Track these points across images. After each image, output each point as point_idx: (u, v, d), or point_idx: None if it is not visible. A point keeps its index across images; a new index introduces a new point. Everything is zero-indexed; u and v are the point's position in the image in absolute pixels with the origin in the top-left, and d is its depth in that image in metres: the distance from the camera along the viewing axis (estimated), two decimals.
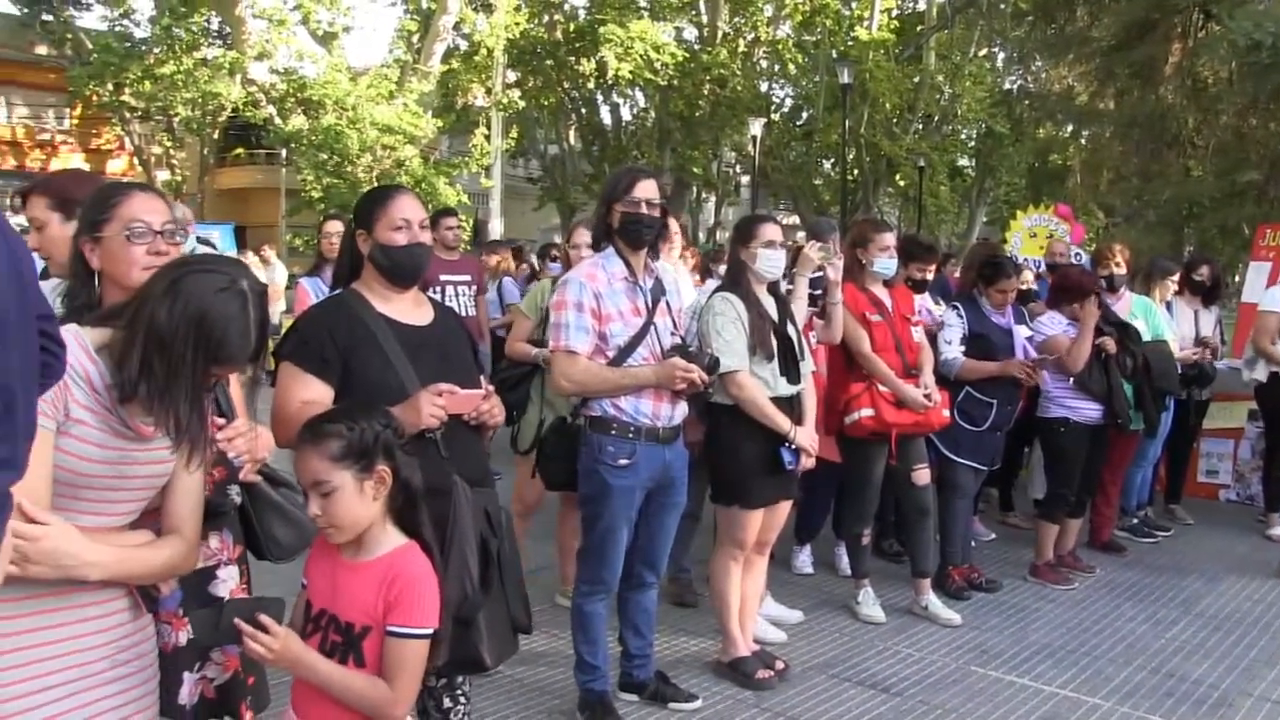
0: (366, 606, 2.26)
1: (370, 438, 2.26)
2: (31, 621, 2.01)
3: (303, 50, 22.23)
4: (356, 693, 2.24)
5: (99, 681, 2.11)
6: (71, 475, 2.01)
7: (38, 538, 1.90)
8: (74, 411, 1.99)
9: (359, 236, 3.09)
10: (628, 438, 3.93)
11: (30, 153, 29.56)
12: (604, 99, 29.11)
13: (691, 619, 5.37)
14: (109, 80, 22.44)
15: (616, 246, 4.01)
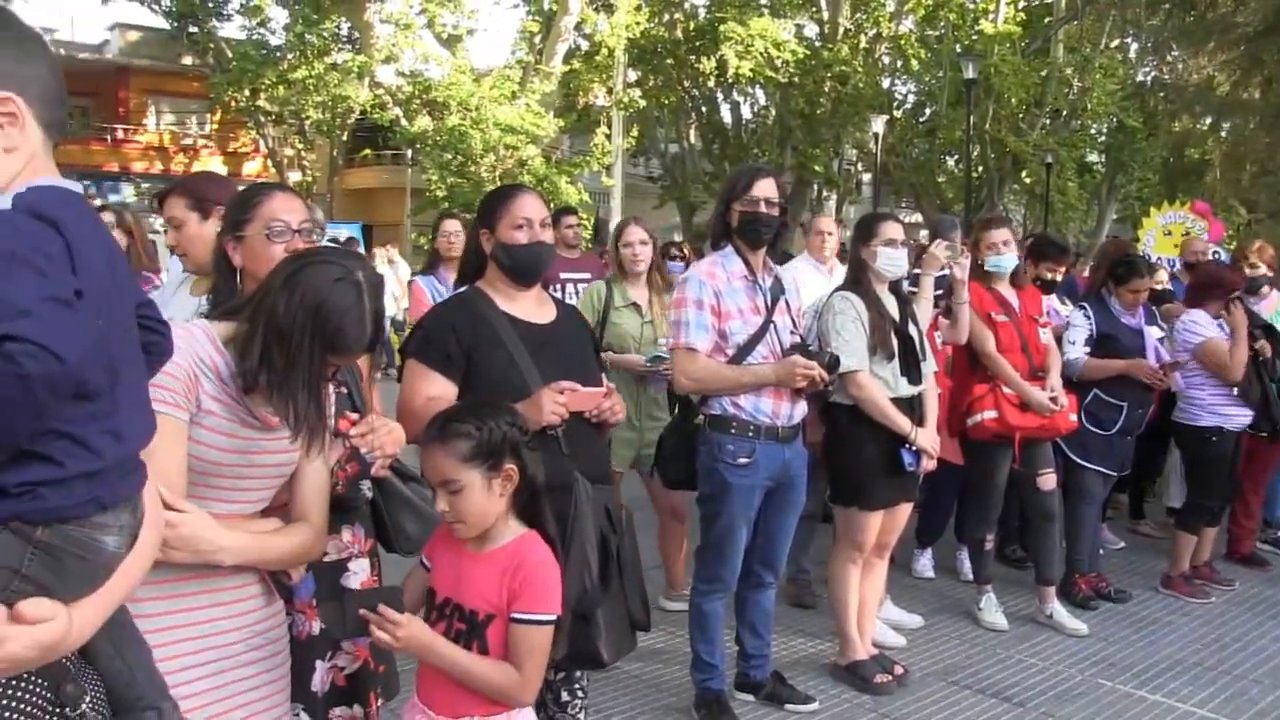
0: (490, 595, 2.30)
1: (498, 437, 2.30)
2: (171, 604, 2.10)
3: (428, 53, 22.73)
4: (484, 677, 2.27)
5: (235, 664, 2.19)
6: (204, 464, 2.09)
7: (176, 524, 1.98)
8: (204, 403, 2.07)
9: (482, 235, 3.14)
10: (747, 436, 3.92)
11: (174, 157, 30.89)
12: (724, 97, 29.01)
13: (809, 620, 5.33)
14: (246, 86, 23.32)
15: (735, 245, 4.00)
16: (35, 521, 1.26)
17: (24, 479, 1.24)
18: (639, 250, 5.30)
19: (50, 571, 1.28)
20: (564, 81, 23.89)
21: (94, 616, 1.37)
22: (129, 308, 1.40)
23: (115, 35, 31.54)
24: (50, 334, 1.18)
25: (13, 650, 1.23)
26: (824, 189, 29.63)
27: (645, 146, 29.67)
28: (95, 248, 1.30)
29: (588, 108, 25.54)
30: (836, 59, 25.60)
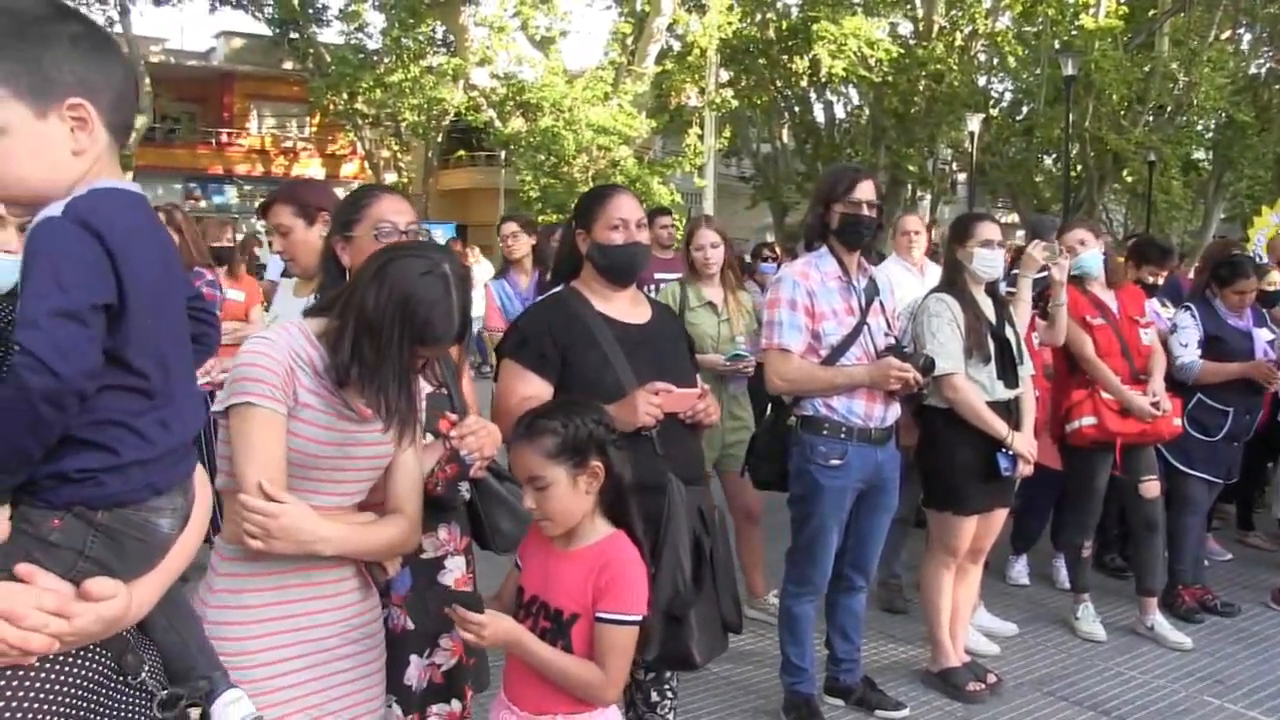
0: (576, 594, 2.32)
1: (584, 434, 2.32)
2: (272, 596, 2.17)
3: (522, 55, 22.98)
4: (568, 674, 2.29)
5: (332, 657, 2.24)
6: (303, 457, 2.14)
7: (277, 515, 2.04)
8: (301, 396, 2.13)
9: (578, 235, 3.17)
10: (839, 438, 3.90)
11: (275, 159, 31.70)
12: (817, 97, 28.77)
13: (901, 625, 5.27)
14: (344, 90, 23.82)
15: (831, 246, 3.98)
16: (96, 506, 1.35)
17: (84, 466, 1.32)
18: (710, 254, 5.28)
19: (111, 552, 1.36)
20: (656, 82, 23.92)
21: (150, 593, 1.47)
22: (180, 303, 1.47)
23: (221, 43, 32.46)
24: (50, 349, 1.25)
25: (80, 625, 1.31)
26: (918, 189, 29.20)
27: (737, 147, 29.58)
28: (146, 252, 1.36)
29: (680, 108, 25.55)
30: (931, 57, 25.20)
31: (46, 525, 1.32)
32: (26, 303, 1.27)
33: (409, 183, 26.99)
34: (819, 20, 23.45)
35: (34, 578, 1.29)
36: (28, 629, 1.25)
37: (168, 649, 1.61)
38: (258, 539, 2.05)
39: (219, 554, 2.22)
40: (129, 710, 1.48)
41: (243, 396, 2.07)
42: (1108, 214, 30.76)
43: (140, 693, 1.51)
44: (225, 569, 2.19)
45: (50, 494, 1.32)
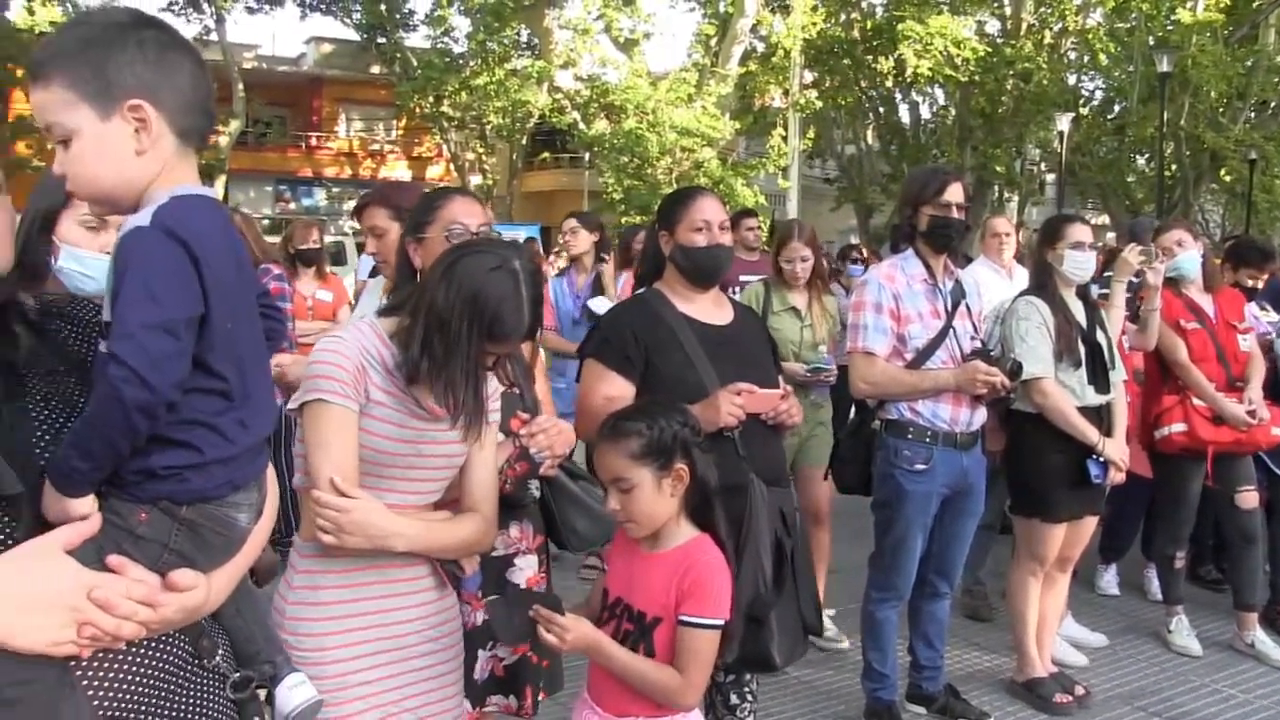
0: (659, 596, 2.32)
1: (669, 437, 2.31)
2: (349, 593, 2.20)
3: (606, 57, 23.07)
4: (646, 678, 2.29)
5: (409, 655, 2.27)
6: (375, 454, 2.18)
7: (348, 509, 2.08)
8: (373, 394, 2.16)
9: (661, 237, 3.18)
10: (924, 442, 3.85)
11: (363, 162, 32.27)
12: (902, 97, 28.45)
13: (986, 633, 5.18)
14: (430, 93, 24.16)
15: (917, 248, 3.93)
16: (181, 501, 1.40)
17: (170, 464, 1.38)
18: (799, 269, 5.19)
19: (193, 545, 1.42)
20: (740, 83, 23.87)
21: (226, 584, 1.52)
22: (253, 304, 1.52)
23: (311, 48, 33.15)
24: (144, 362, 1.30)
25: (165, 614, 1.37)
26: (1005, 190, 28.71)
27: (822, 148, 29.39)
28: (223, 258, 1.41)
29: (764, 109, 25.46)
30: (1019, 56, 24.74)
31: (134, 519, 1.38)
32: (121, 314, 1.32)
33: (493, 185, 27.27)
34: (904, 20, 23.19)
35: (125, 569, 1.34)
36: (120, 617, 1.31)
37: (236, 633, 1.67)
38: (330, 534, 2.09)
39: (298, 551, 2.27)
40: (204, 691, 1.55)
41: (315, 394, 2.11)
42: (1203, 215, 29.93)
43: (214, 675, 1.58)
44: (304, 566, 2.23)
45: (138, 489, 1.38)
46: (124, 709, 1.42)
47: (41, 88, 1.37)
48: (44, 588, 1.27)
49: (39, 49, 1.40)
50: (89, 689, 1.37)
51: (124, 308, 1.32)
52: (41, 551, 1.30)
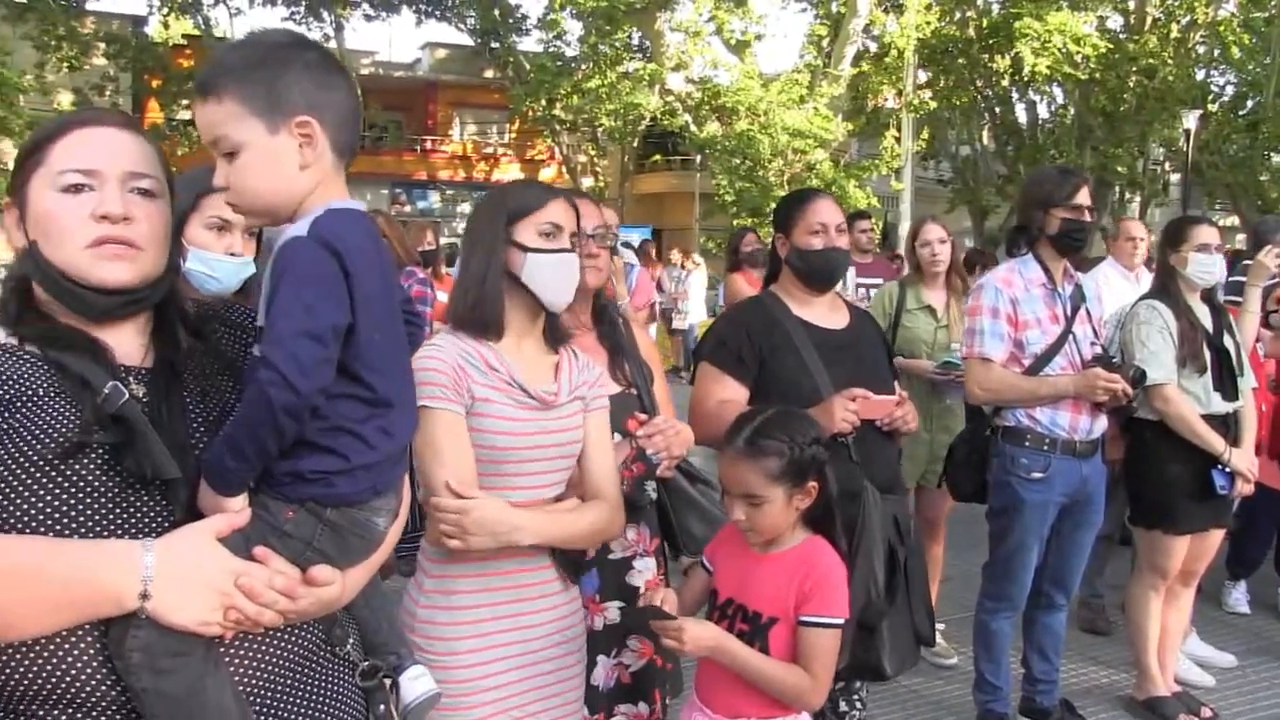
0: (775, 598, 2.31)
1: (807, 457, 2.31)
2: (482, 597, 2.25)
3: (717, 59, 23.03)
4: (775, 679, 2.28)
5: (537, 659, 2.31)
6: (493, 452, 2.22)
7: (469, 510, 2.13)
8: (477, 392, 2.21)
9: (777, 240, 3.18)
10: (1042, 450, 3.77)
11: (476, 165, 32.79)
12: (1019, 96, 27.77)
13: (1103, 647, 5.04)
14: (543, 96, 24.41)
15: (1038, 252, 3.85)
16: (326, 504, 1.47)
17: (318, 468, 1.45)
18: (938, 249, 5.10)
19: (334, 545, 1.49)
20: (853, 84, 23.59)
21: (359, 580, 1.60)
22: (397, 313, 1.57)
23: (426, 54, 33.77)
24: (293, 367, 1.36)
25: (302, 606, 1.45)
26: (1127, 191, 27.84)
27: (936, 149, 28.86)
28: (373, 269, 1.47)
29: (877, 110, 25.11)
30: (1143, 51, 23.93)
31: (282, 516, 1.45)
32: (275, 319, 1.40)
33: (605, 187, 27.43)
34: (1021, 17, 22.60)
35: (269, 560, 1.43)
36: (262, 604, 1.40)
37: (364, 624, 1.73)
38: (454, 538, 2.13)
39: (426, 556, 2.31)
40: (335, 678, 1.62)
41: (419, 400, 2.14)
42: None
43: (344, 663, 1.65)
44: (435, 570, 2.28)
45: (287, 489, 1.46)
46: (261, 689, 1.49)
47: (213, 102, 1.44)
48: (198, 570, 1.37)
49: (209, 66, 1.48)
50: (231, 667, 1.45)
51: (277, 314, 1.40)
52: (197, 537, 1.39)
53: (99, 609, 1.33)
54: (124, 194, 1.49)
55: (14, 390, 1.42)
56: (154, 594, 1.32)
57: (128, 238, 1.48)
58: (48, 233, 1.47)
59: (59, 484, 1.38)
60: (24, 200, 1.50)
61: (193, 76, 24.68)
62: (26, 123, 16.31)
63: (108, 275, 1.47)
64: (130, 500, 1.41)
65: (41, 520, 1.35)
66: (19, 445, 1.38)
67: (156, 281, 1.54)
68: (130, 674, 1.34)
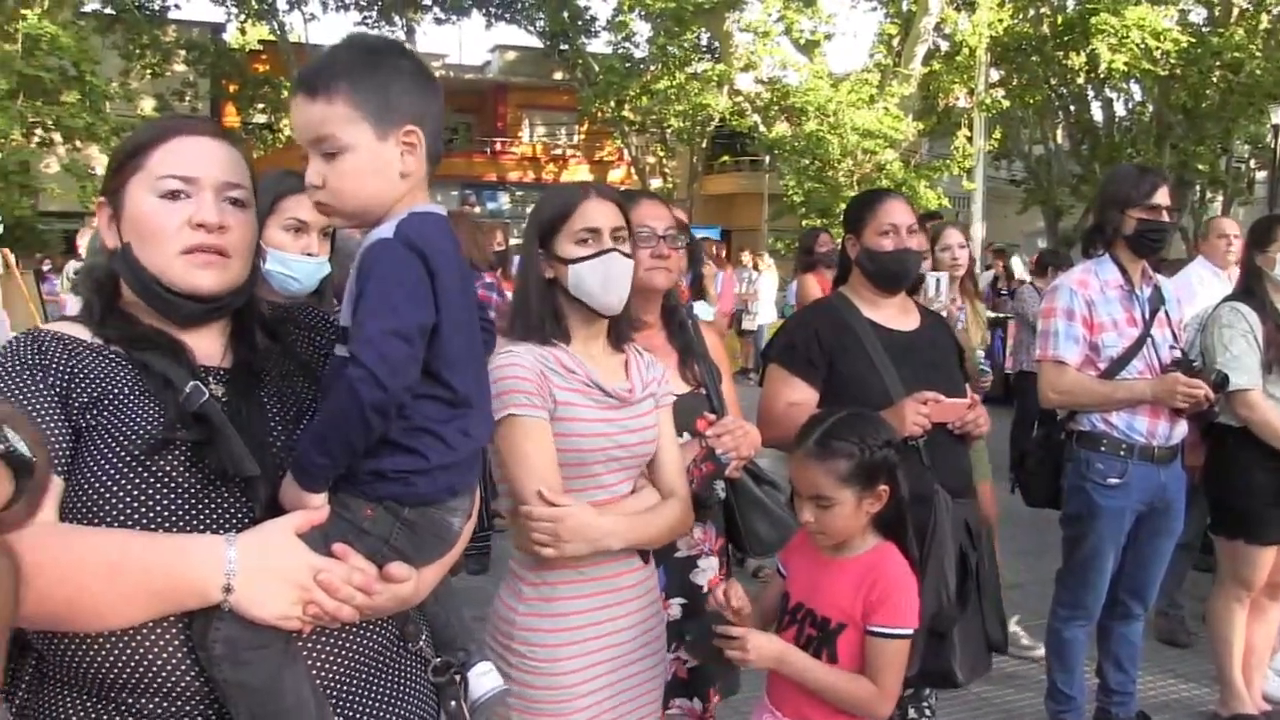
0: (844, 603, 2.29)
1: (878, 459, 2.29)
2: (583, 603, 2.26)
3: (786, 59, 22.93)
4: (840, 690, 2.26)
5: (627, 660, 2.32)
6: (578, 454, 2.23)
7: (562, 518, 2.13)
8: (559, 396, 2.22)
9: (847, 241, 3.15)
10: (1119, 455, 3.69)
11: (545, 166, 33.01)
12: (1095, 94, 27.23)
13: (1183, 661, 4.92)
14: (612, 98, 24.54)
15: (1114, 253, 3.77)
16: (405, 503, 1.49)
17: (399, 467, 1.47)
18: (958, 254, 5.05)
19: (410, 543, 1.51)
20: (923, 83, 23.32)
21: (433, 578, 1.62)
22: (475, 314, 1.59)
23: (495, 56, 34.08)
24: (381, 365, 1.38)
25: (378, 602, 1.48)
26: (1208, 190, 27.17)
27: (1008, 148, 28.43)
28: (454, 271, 1.49)
29: (948, 110, 24.81)
30: (1228, 45, 23.27)
31: (361, 514, 1.48)
32: (363, 319, 1.41)
33: (674, 188, 27.46)
34: (1098, 12, 22.16)
35: (347, 556, 1.45)
36: (340, 600, 1.42)
37: (433, 619, 1.76)
38: (549, 546, 2.14)
39: (521, 564, 2.31)
40: (407, 673, 1.65)
41: (504, 410, 2.15)
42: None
43: (417, 659, 1.68)
44: (533, 578, 2.27)
45: (367, 487, 1.48)
46: (336, 683, 1.53)
47: (322, 102, 1.46)
48: (279, 565, 1.40)
49: (319, 65, 1.49)
50: (308, 661, 1.48)
51: (365, 313, 1.41)
52: (278, 532, 1.42)
53: (184, 602, 1.37)
54: (218, 203, 1.52)
55: (101, 389, 1.47)
56: (236, 588, 1.36)
57: (220, 246, 1.52)
58: (143, 236, 1.51)
59: (146, 480, 1.42)
60: (120, 202, 1.53)
61: (268, 81, 25.43)
62: (112, 128, 16.76)
63: (199, 283, 1.51)
64: (212, 496, 1.45)
65: (129, 514, 1.40)
66: (108, 442, 1.43)
67: (240, 288, 1.57)
68: (212, 665, 1.38)
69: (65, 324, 1.58)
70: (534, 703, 2.21)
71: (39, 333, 1.53)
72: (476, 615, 2.20)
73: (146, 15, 23.64)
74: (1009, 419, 7.77)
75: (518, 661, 2.22)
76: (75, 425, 1.44)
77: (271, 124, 25.26)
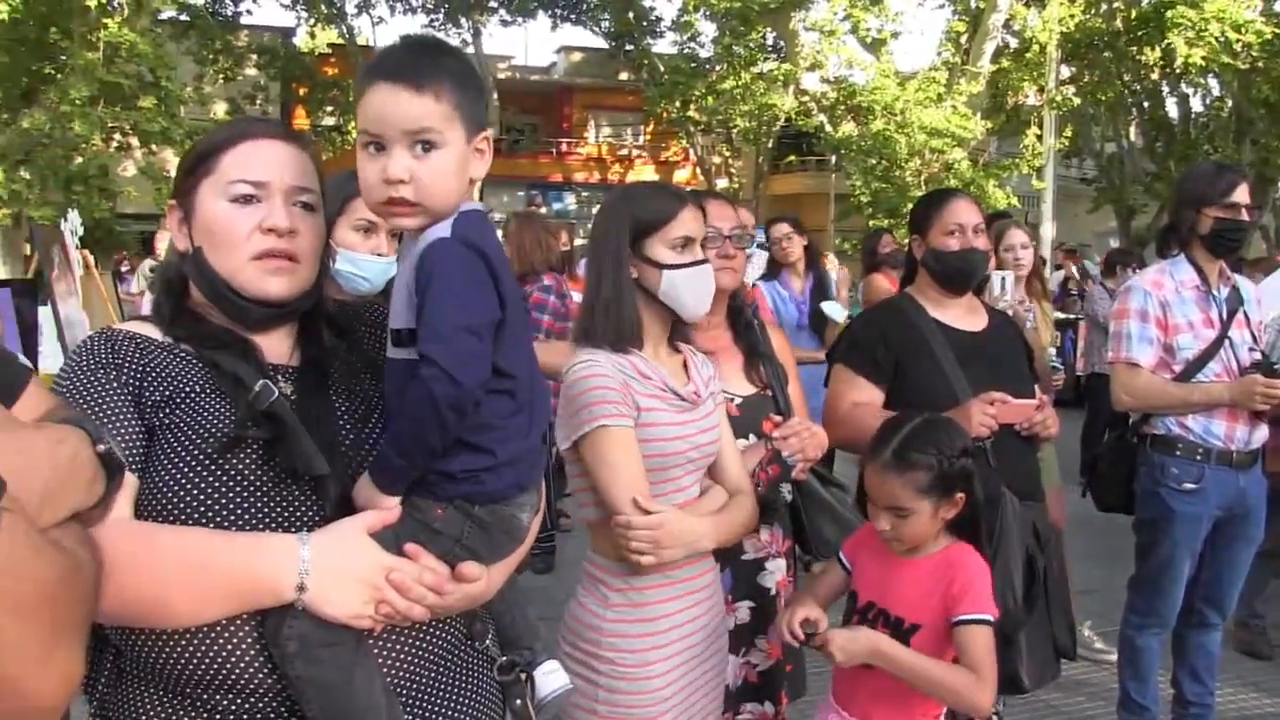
0: (919, 603, 2.27)
1: (956, 469, 2.27)
2: (670, 606, 2.27)
3: (852, 58, 22.75)
4: (938, 679, 2.21)
5: (699, 660, 2.33)
6: (663, 459, 2.24)
7: (662, 524, 2.14)
8: (642, 403, 2.22)
9: (913, 241, 3.12)
10: (1195, 459, 3.60)
11: (611, 167, 33.12)
12: (1170, 90, 26.66)
13: (1265, 673, 4.80)
14: (677, 98, 24.53)
15: (1190, 253, 3.68)
16: (475, 501, 1.49)
17: (468, 467, 1.47)
18: (1021, 255, 4.96)
19: (481, 542, 1.51)
20: (992, 81, 23.00)
21: (501, 577, 1.62)
22: (525, 309, 1.58)
23: (561, 57, 34.26)
24: (454, 361, 1.39)
25: (450, 601, 1.49)
26: None
27: (1079, 146, 27.96)
28: (508, 268, 1.51)
29: (1017, 108, 24.44)
30: None
31: (432, 513, 1.49)
32: (432, 317, 1.42)
33: (739, 188, 27.38)
34: (1175, 6, 21.66)
35: (419, 556, 1.46)
36: (412, 599, 1.44)
37: (499, 618, 1.77)
38: (648, 554, 2.14)
39: (606, 571, 2.30)
40: (474, 671, 1.66)
41: (595, 420, 2.16)
42: None
43: (484, 657, 1.69)
44: (620, 584, 2.27)
45: (437, 488, 1.48)
46: (406, 681, 1.54)
47: (430, 98, 1.44)
48: (352, 565, 1.41)
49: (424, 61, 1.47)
50: (379, 659, 1.50)
51: (434, 312, 1.42)
52: (351, 532, 1.44)
53: (259, 600, 1.39)
54: (288, 207, 1.54)
55: (174, 387, 1.49)
56: (310, 587, 1.37)
57: (290, 250, 1.53)
58: (214, 241, 1.53)
59: (218, 478, 1.44)
60: (191, 205, 1.55)
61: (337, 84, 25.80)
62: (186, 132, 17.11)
63: (269, 289, 1.53)
64: (283, 495, 1.47)
65: (202, 513, 1.42)
66: (181, 441, 1.45)
67: (308, 291, 1.59)
68: (285, 662, 1.40)
69: (136, 323, 1.60)
70: (624, 708, 2.22)
71: (112, 331, 1.56)
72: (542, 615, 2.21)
73: (220, 21, 24.13)
74: (1079, 422, 7.64)
75: (607, 669, 2.22)
76: (148, 424, 1.46)
77: (340, 126, 25.62)
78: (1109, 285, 8.46)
